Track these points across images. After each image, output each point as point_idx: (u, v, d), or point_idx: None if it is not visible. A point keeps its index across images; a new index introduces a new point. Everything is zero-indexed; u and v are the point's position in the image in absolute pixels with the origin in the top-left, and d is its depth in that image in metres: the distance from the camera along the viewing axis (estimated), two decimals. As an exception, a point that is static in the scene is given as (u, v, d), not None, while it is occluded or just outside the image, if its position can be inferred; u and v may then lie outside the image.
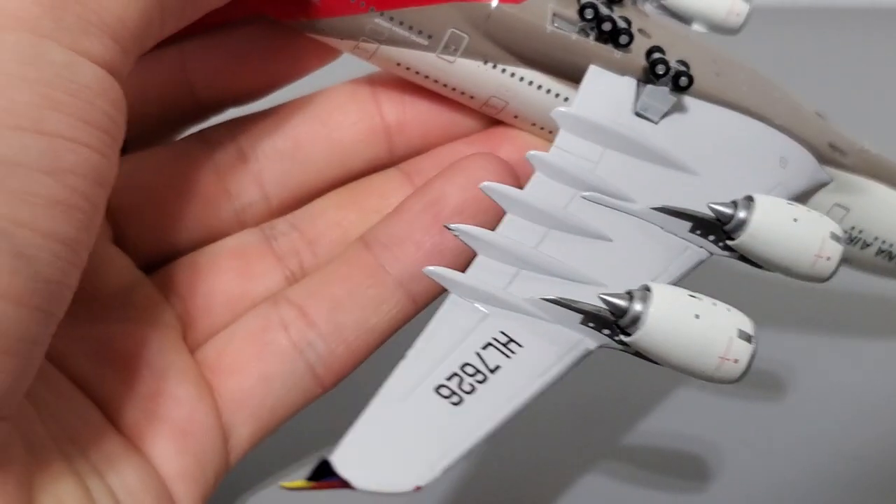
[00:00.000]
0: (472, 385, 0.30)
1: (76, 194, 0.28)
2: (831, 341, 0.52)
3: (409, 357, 0.30)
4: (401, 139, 0.42)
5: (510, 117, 0.41)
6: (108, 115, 0.29)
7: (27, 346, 0.28)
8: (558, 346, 0.32)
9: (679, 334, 0.31)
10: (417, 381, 0.30)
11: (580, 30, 0.39)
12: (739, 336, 0.31)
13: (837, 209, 0.43)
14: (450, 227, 0.34)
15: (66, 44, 0.29)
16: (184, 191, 0.41)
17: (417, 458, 0.28)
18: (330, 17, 0.38)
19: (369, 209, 0.41)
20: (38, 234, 0.27)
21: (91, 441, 0.34)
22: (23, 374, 0.28)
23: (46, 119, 0.28)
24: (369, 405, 0.29)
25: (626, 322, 0.32)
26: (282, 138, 0.42)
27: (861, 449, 0.47)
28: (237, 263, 0.41)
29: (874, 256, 0.44)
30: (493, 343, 0.31)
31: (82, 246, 0.29)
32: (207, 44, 0.41)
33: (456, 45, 0.39)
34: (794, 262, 0.34)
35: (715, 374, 0.31)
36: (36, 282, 0.27)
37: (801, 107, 0.42)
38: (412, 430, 0.29)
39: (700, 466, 0.46)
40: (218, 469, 0.37)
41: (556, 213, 0.34)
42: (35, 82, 0.28)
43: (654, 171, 0.37)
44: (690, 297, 0.31)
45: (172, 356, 0.38)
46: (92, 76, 0.29)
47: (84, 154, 0.28)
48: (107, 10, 0.30)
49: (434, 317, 0.31)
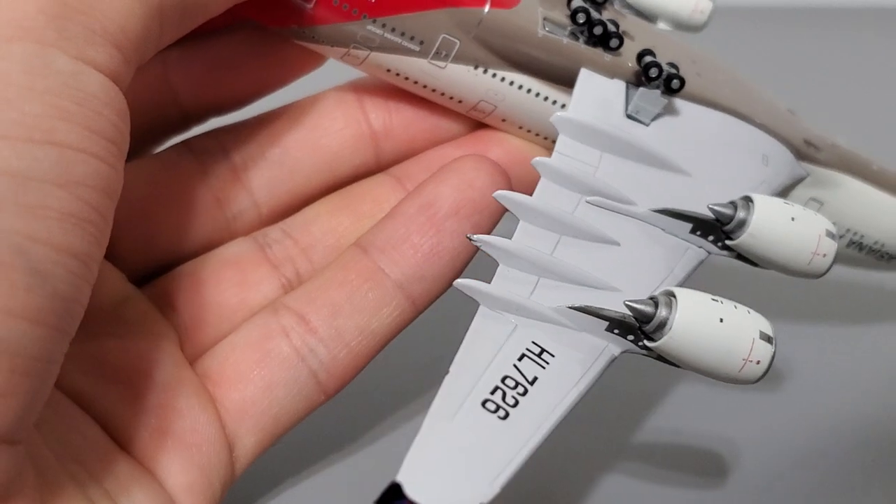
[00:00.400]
0: (515, 398, 0.30)
1: (88, 207, 0.28)
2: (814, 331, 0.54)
3: (452, 373, 0.31)
4: (387, 144, 0.42)
5: (498, 121, 0.41)
6: (114, 124, 0.29)
7: (43, 366, 0.28)
8: (586, 355, 0.32)
9: (704, 338, 0.32)
10: (464, 396, 0.30)
11: (571, 33, 0.39)
12: (761, 337, 0.32)
13: (812, 203, 0.44)
14: (472, 238, 0.34)
15: (72, 53, 0.28)
16: (173, 201, 0.41)
17: (476, 475, 0.29)
18: (322, 24, 0.38)
19: (362, 214, 0.41)
20: (52, 249, 0.27)
21: (97, 461, 0.34)
22: (38, 394, 0.28)
23: (57, 130, 0.27)
24: (422, 426, 0.29)
25: (652, 328, 0.32)
26: (270, 146, 0.42)
27: (864, 430, 0.49)
28: (232, 273, 0.41)
29: (846, 248, 0.46)
30: (528, 354, 0.32)
31: (94, 260, 0.29)
32: (191, 52, 0.41)
33: (447, 51, 0.39)
34: (791, 260, 0.36)
35: (738, 376, 0.32)
36: (52, 299, 0.27)
37: (775, 104, 0.44)
38: (467, 449, 0.29)
39: (708, 461, 0.47)
40: (224, 480, 0.37)
41: (566, 218, 0.35)
42: (44, 92, 0.27)
43: (648, 172, 0.38)
44: (713, 300, 0.32)
45: (171, 369, 0.38)
46: (98, 85, 0.29)
47: (94, 165, 0.28)
48: (110, 19, 0.29)
49: (469, 330, 0.32)
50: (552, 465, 0.32)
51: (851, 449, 0.48)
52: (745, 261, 0.37)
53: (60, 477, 0.31)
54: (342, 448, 0.45)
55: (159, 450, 0.36)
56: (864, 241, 0.46)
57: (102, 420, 0.35)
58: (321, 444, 0.44)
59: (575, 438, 0.35)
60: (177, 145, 0.42)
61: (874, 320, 0.56)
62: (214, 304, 0.40)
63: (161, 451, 0.36)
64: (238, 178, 0.41)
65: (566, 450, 0.33)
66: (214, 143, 0.42)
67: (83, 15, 0.29)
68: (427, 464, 0.28)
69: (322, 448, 0.45)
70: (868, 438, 0.49)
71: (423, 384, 0.44)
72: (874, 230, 0.46)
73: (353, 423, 0.45)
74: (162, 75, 0.41)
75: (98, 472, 0.33)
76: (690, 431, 0.48)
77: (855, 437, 0.48)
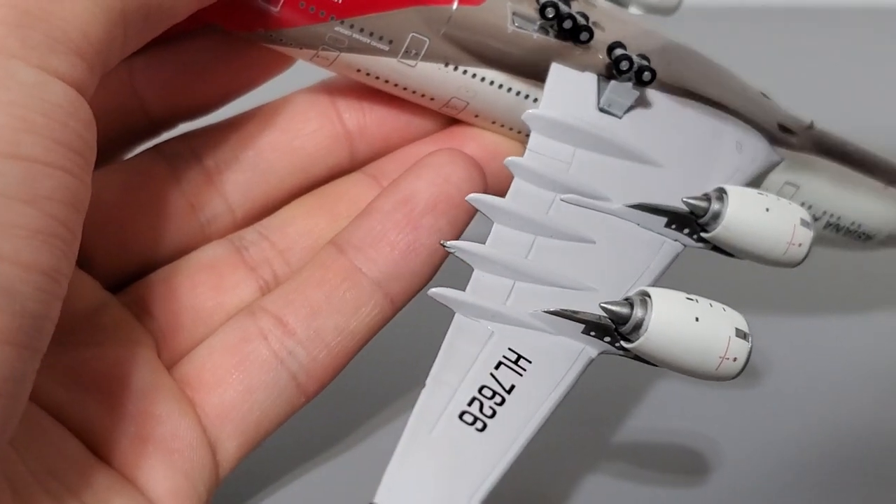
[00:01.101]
0: (493, 409, 0.30)
1: (55, 222, 0.27)
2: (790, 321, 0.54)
3: (428, 385, 0.30)
4: (362, 144, 0.42)
5: (471, 116, 0.41)
6: (80, 135, 0.28)
7: (14, 386, 0.27)
8: (563, 359, 0.32)
9: (681, 338, 0.32)
10: (441, 408, 0.30)
11: (540, 28, 0.39)
12: (737, 335, 0.32)
13: (788, 187, 0.44)
14: (445, 244, 0.34)
15: (35, 63, 0.27)
16: (146, 207, 0.40)
17: (456, 490, 0.29)
18: (289, 27, 0.38)
19: (339, 214, 0.41)
20: (20, 267, 0.26)
21: (74, 474, 0.33)
22: (11, 415, 0.28)
23: (22, 143, 0.26)
24: (400, 442, 0.29)
25: (628, 329, 0.32)
26: (243, 148, 0.41)
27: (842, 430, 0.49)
28: (208, 276, 0.40)
29: (823, 230, 0.46)
30: (504, 362, 0.32)
31: (63, 276, 0.28)
32: (156, 58, 0.40)
33: (417, 49, 0.38)
34: (767, 251, 0.36)
35: (715, 374, 0.32)
36: (22, 318, 0.26)
37: (748, 88, 0.44)
38: (445, 465, 0.29)
39: (691, 459, 0.47)
40: (209, 484, 0.37)
41: (540, 219, 0.35)
42: (8, 104, 0.27)
43: (622, 166, 0.38)
44: (688, 299, 0.32)
45: (149, 375, 0.37)
46: (63, 96, 0.28)
47: (60, 178, 0.27)
48: (72, 26, 0.29)
49: (445, 340, 0.32)
50: (534, 465, 0.32)
51: (834, 444, 0.48)
52: (721, 252, 0.37)
53: (36, 493, 0.31)
54: (326, 450, 0.45)
55: (140, 457, 0.35)
56: (841, 223, 0.46)
57: (79, 431, 0.35)
58: (305, 446, 0.45)
59: (556, 439, 0.35)
60: (148, 150, 0.42)
61: (853, 311, 0.56)
62: (191, 309, 0.40)
63: (142, 459, 0.35)
64: (211, 182, 0.41)
65: (547, 450, 0.33)
66: (186, 148, 0.41)
67: (44, 23, 0.28)
68: (405, 483, 0.28)
69: (306, 450, 0.45)
70: (850, 434, 0.49)
71: (404, 382, 0.45)
72: (851, 211, 0.46)
73: (336, 424, 0.45)
74: (128, 82, 0.40)
75: (75, 485, 0.33)
76: (672, 429, 0.48)
77: (837, 432, 0.49)
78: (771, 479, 0.46)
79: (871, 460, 0.48)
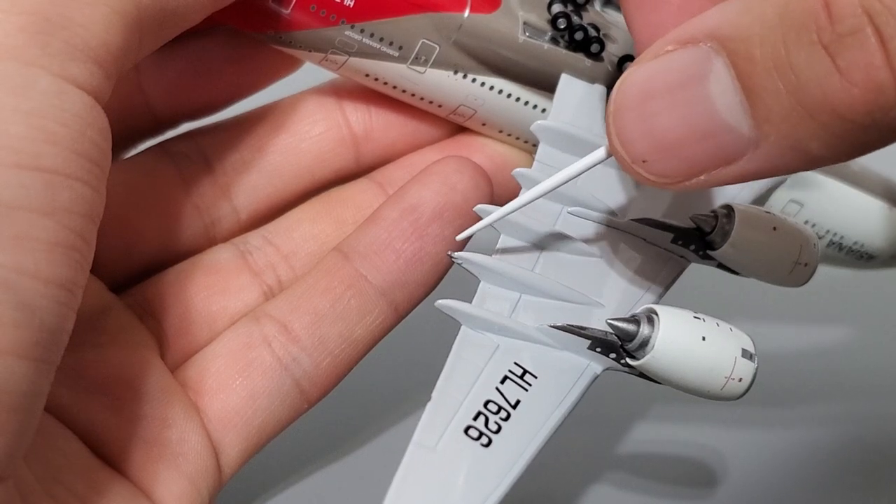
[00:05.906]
0: (498, 424, 0.30)
1: (73, 234, 0.27)
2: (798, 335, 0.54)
3: (434, 399, 0.30)
4: (368, 148, 0.42)
5: (478, 125, 0.41)
6: (97, 145, 0.28)
7: (30, 401, 0.27)
8: (569, 374, 0.32)
9: (687, 357, 0.31)
10: (446, 423, 0.30)
11: (551, 38, 0.39)
12: (743, 355, 0.32)
13: (792, 205, 0.44)
14: (452, 255, 0.34)
15: (55, 71, 0.27)
16: (151, 207, 0.40)
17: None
18: (299, 29, 0.38)
19: (344, 221, 0.41)
20: (40, 281, 0.26)
21: (79, 479, 0.33)
22: (27, 430, 0.27)
23: (43, 154, 0.26)
24: (405, 457, 0.29)
25: (634, 346, 0.32)
26: (249, 150, 0.41)
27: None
28: (213, 280, 0.40)
29: (826, 248, 0.46)
30: (510, 376, 0.32)
31: (79, 287, 0.28)
32: (165, 57, 0.40)
33: (426, 56, 0.38)
34: (773, 269, 0.36)
35: (720, 394, 0.32)
36: (40, 332, 0.26)
37: None
38: (451, 481, 0.29)
39: (698, 472, 0.47)
40: (212, 489, 0.37)
41: (548, 232, 0.35)
42: (28, 114, 0.26)
43: (629, 179, 0.38)
44: (695, 318, 0.32)
45: (153, 378, 0.37)
46: (81, 104, 0.28)
47: (78, 190, 0.27)
48: (91, 34, 0.28)
49: (451, 353, 0.31)
50: (538, 477, 0.32)
51: (836, 454, 0.48)
52: (726, 269, 0.37)
53: (42, 501, 0.31)
54: (327, 455, 0.45)
55: (145, 461, 0.35)
56: (844, 242, 0.46)
57: (84, 434, 0.35)
58: (306, 452, 0.44)
59: (561, 450, 0.35)
60: (153, 149, 0.41)
61: (856, 323, 0.56)
62: (195, 313, 0.40)
63: (147, 463, 0.35)
64: (217, 184, 0.41)
65: (551, 461, 0.33)
66: (192, 147, 0.41)
67: (64, 31, 0.28)
68: (409, 499, 0.28)
69: (307, 455, 0.45)
70: (857, 446, 0.49)
71: (406, 388, 0.45)
72: (853, 231, 0.46)
73: (338, 429, 0.45)
74: (135, 81, 0.40)
75: (81, 490, 0.33)
76: (675, 440, 0.48)
77: (840, 442, 0.49)
78: (775, 490, 0.46)
79: (878, 473, 0.48)
